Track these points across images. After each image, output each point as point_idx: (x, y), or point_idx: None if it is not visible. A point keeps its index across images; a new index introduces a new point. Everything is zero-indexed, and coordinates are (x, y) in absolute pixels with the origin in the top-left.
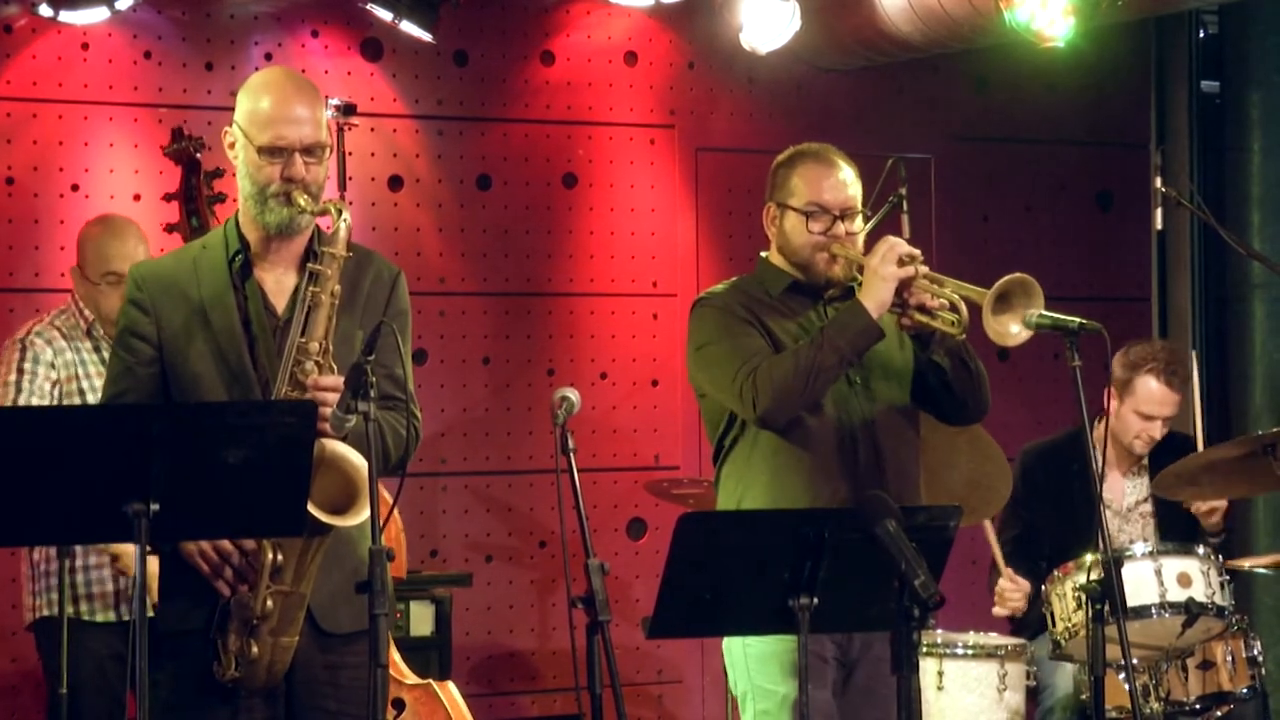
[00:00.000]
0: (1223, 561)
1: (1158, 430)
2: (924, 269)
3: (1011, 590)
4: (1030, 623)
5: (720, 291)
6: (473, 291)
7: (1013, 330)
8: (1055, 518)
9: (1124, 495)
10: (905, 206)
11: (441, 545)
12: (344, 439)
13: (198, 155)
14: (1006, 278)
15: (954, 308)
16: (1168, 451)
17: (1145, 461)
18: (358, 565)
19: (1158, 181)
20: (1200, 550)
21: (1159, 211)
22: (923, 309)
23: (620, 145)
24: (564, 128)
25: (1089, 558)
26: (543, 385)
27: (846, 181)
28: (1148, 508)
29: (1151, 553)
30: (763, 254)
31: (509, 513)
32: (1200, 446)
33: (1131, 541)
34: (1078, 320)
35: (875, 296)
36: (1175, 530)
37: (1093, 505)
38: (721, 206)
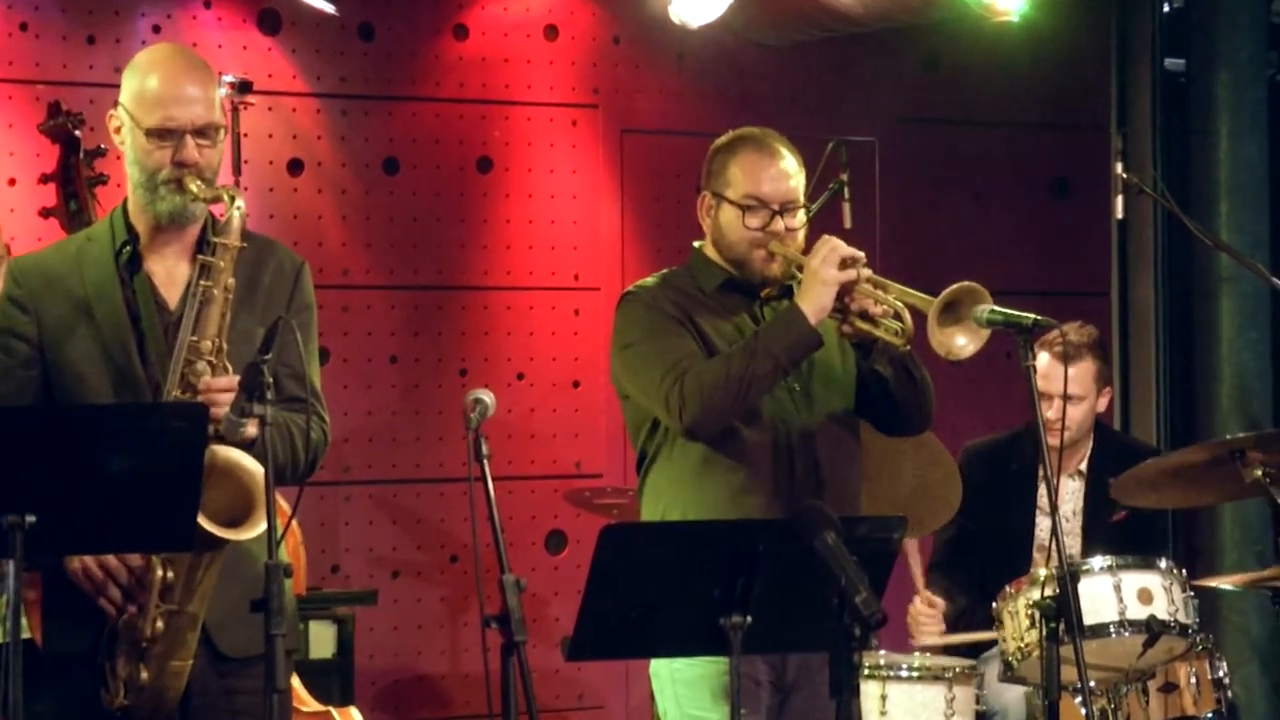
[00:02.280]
0: (1187, 577)
1: (1052, 410)
2: (867, 272)
3: (926, 616)
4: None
5: (649, 286)
6: (379, 285)
7: (959, 343)
8: (990, 521)
9: (1062, 502)
10: (847, 193)
11: (344, 560)
12: (239, 445)
13: (76, 132)
14: (954, 286)
15: (898, 316)
16: (1111, 456)
17: (1083, 467)
18: (254, 582)
19: (1118, 167)
20: (1163, 564)
21: (1120, 199)
22: (865, 316)
23: (539, 126)
24: (478, 107)
25: (1043, 572)
26: (455, 386)
27: (788, 172)
28: (1080, 518)
29: (1110, 567)
30: (696, 244)
31: (417, 525)
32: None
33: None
34: (1032, 316)
35: (814, 301)
36: (1098, 541)
37: (1029, 510)
38: (649, 193)
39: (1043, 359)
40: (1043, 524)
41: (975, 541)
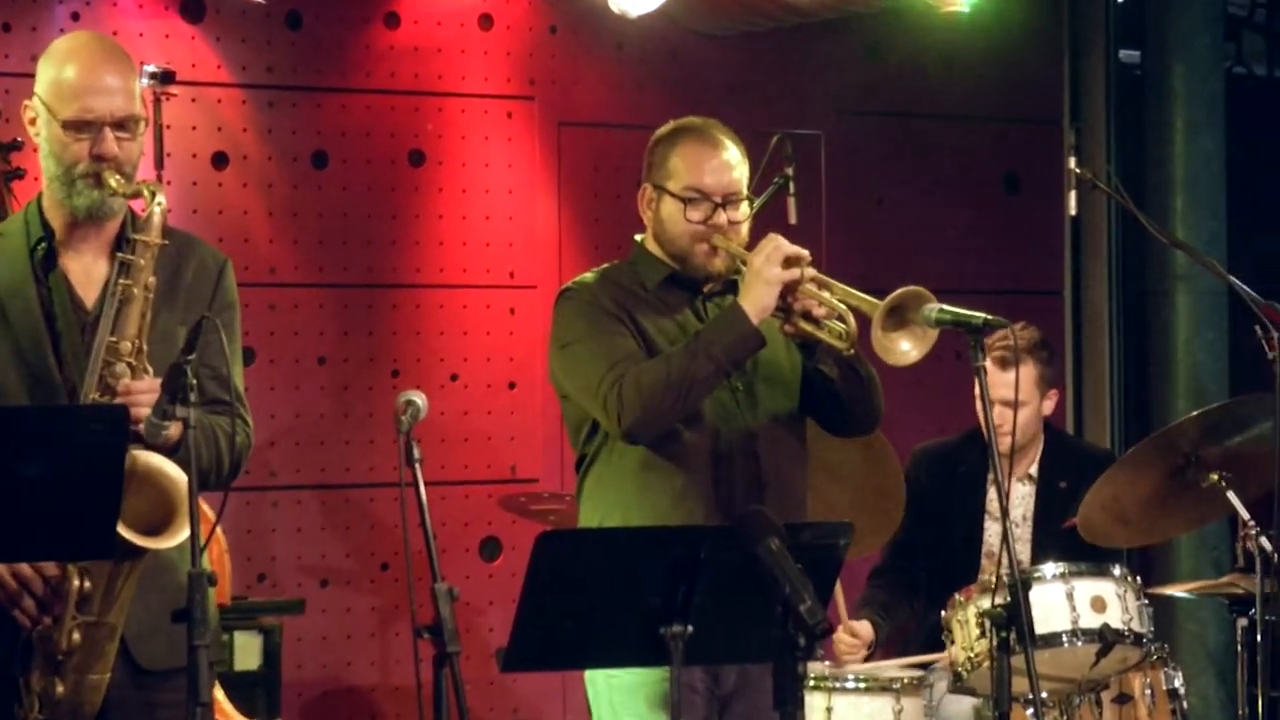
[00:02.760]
0: (1141, 585)
1: (1006, 418)
2: (811, 272)
3: (849, 645)
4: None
5: (589, 282)
6: (307, 283)
7: (903, 348)
8: (935, 526)
9: (1012, 507)
10: (791, 188)
11: (270, 568)
12: (160, 449)
13: None
14: (900, 290)
15: (841, 317)
16: (1061, 461)
17: (1033, 471)
18: (176, 592)
19: (1071, 162)
20: (1116, 572)
21: (1072, 195)
22: (808, 316)
23: (473, 119)
24: (410, 99)
25: (993, 579)
26: (385, 388)
27: (731, 163)
28: (1030, 524)
29: (1063, 574)
30: (638, 237)
31: (347, 531)
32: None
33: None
34: (982, 316)
35: (757, 301)
36: (1048, 548)
37: (977, 515)
38: (587, 188)
39: (996, 373)
40: (991, 529)
41: (921, 548)
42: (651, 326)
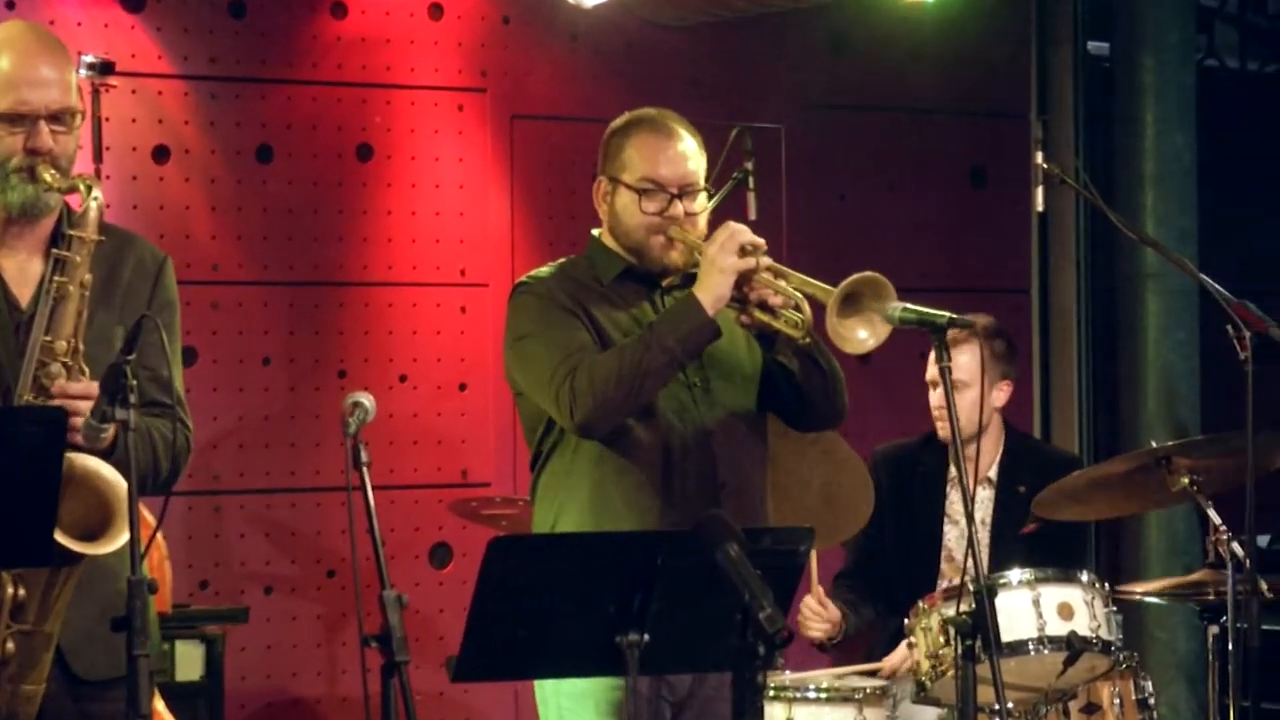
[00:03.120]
0: (1110, 591)
1: (943, 399)
2: (766, 260)
3: (814, 612)
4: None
5: (543, 276)
6: (251, 280)
7: (860, 336)
8: (897, 529)
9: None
10: (751, 183)
11: (213, 575)
12: (97, 453)
13: None
14: (854, 276)
15: (797, 307)
16: (1023, 464)
17: (992, 474)
18: (114, 599)
19: (1038, 157)
20: (1084, 578)
21: (1040, 191)
22: (764, 306)
23: (423, 111)
24: (358, 91)
25: (957, 585)
26: (333, 389)
27: (687, 154)
28: (986, 529)
29: (1029, 580)
30: (594, 232)
31: (292, 537)
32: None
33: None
34: (947, 315)
35: (712, 290)
36: (1006, 555)
37: (936, 517)
38: (540, 182)
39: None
40: (950, 533)
41: (883, 550)
42: (607, 321)
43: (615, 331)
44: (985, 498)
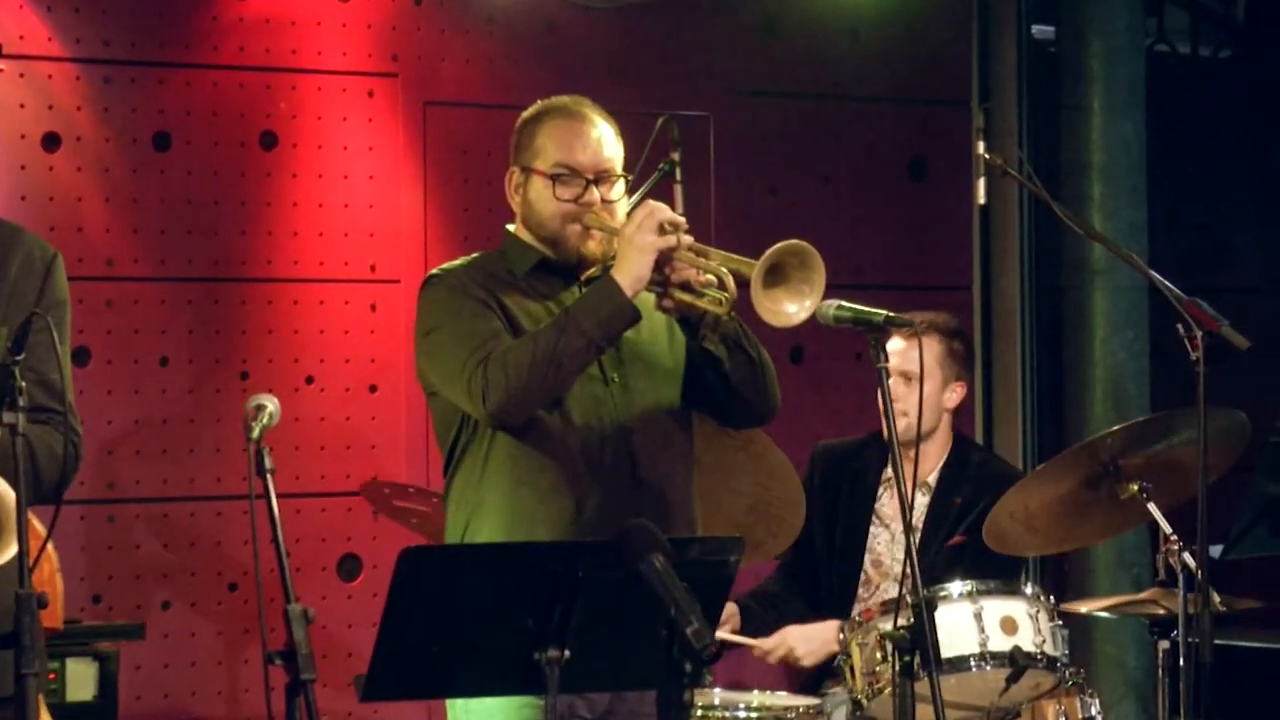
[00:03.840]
0: (1055, 604)
1: (901, 394)
2: (688, 239)
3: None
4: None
5: (455, 269)
6: (148, 276)
7: (788, 309)
8: (823, 531)
9: (898, 514)
10: (679, 175)
11: (107, 589)
12: None
13: None
14: (778, 245)
15: (721, 284)
16: (963, 473)
17: (931, 479)
18: (2, 615)
19: (980, 146)
20: (1028, 590)
21: (981, 182)
22: (686, 287)
23: (331, 98)
24: (261, 76)
25: (895, 598)
26: (235, 391)
27: (603, 139)
28: (916, 535)
29: (970, 593)
30: (509, 227)
31: (191, 548)
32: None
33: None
34: (884, 313)
35: (630, 270)
36: (929, 563)
37: (864, 518)
38: (455, 173)
39: (895, 343)
40: (879, 536)
41: (811, 553)
42: (521, 313)
43: (529, 322)
44: (919, 503)
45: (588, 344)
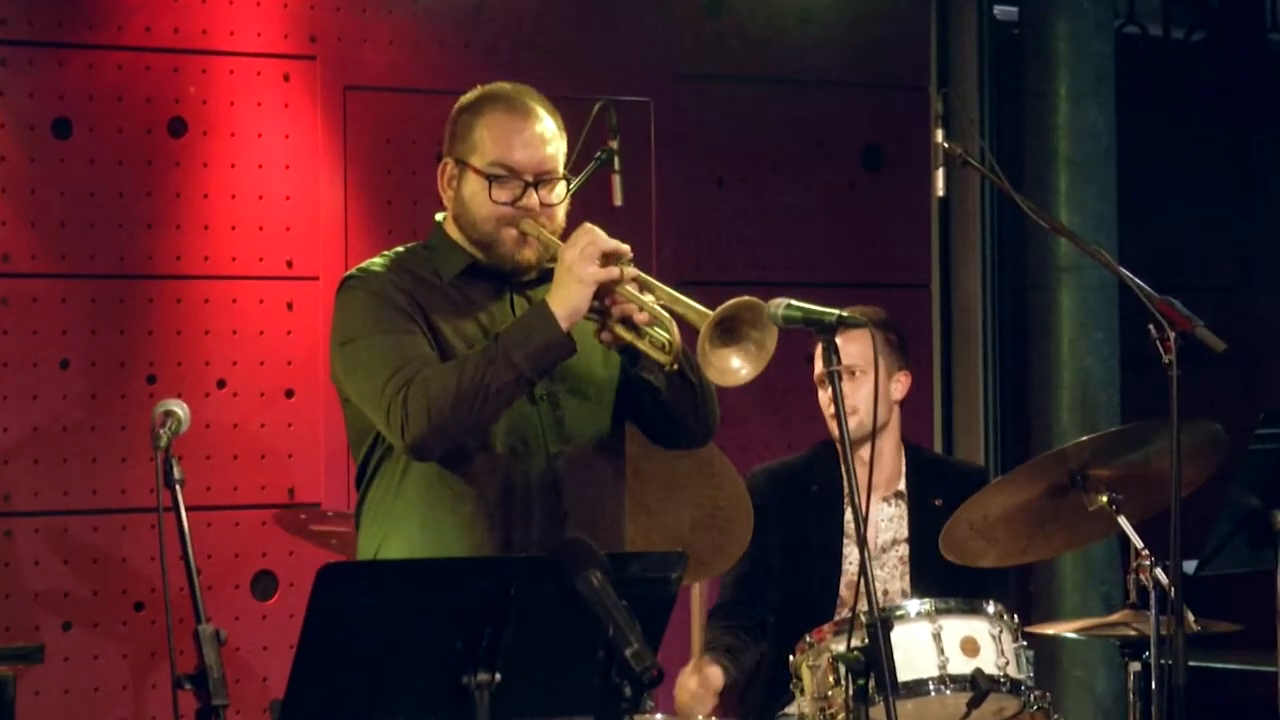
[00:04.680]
0: (1020, 624)
1: (847, 391)
2: (632, 271)
3: (693, 695)
4: (752, 699)
5: (376, 269)
6: (47, 273)
7: (734, 365)
8: (784, 555)
9: (878, 531)
10: (616, 165)
11: (3, 609)
12: None
13: None
14: (733, 301)
15: (664, 326)
16: (930, 475)
17: (901, 487)
18: None
19: (939, 135)
20: (990, 609)
21: (940, 173)
22: (627, 322)
23: (244, 81)
24: (169, 58)
25: (848, 617)
26: (141, 396)
27: (545, 137)
28: (905, 549)
29: (929, 612)
30: (438, 217)
31: (94, 565)
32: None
33: (888, 593)
34: (836, 313)
35: (567, 302)
36: (931, 579)
37: (835, 538)
38: (378, 162)
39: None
40: (854, 556)
41: (767, 581)
42: (448, 328)
43: (457, 339)
44: (896, 514)
45: (517, 378)
